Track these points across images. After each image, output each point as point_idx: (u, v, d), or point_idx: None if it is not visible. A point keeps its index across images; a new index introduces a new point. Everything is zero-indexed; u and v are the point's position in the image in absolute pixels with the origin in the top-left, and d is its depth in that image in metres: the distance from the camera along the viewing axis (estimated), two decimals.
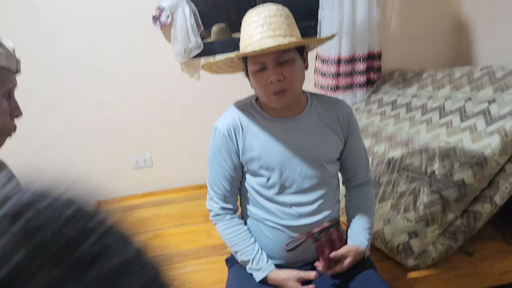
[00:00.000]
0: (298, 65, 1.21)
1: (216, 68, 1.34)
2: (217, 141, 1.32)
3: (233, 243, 1.36)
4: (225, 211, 1.38)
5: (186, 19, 2.40)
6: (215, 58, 1.38)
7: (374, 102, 2.53)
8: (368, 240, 1.35)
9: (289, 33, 1.18)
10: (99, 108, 2.60)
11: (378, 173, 1.94)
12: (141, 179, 2.77)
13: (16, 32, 2.39)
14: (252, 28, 1.19)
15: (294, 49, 1.19)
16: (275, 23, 1.17)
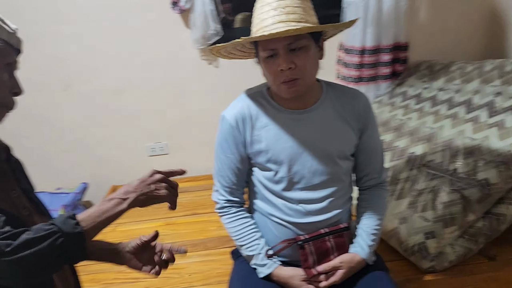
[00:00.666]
0: (312, 53, 1.13)
1: (226, 53, 1.27)
2: (224, 131, 1.26)
3: (238, 237, 1.30)
4: (230, 203, 1.32)
5: (205, 5, 2.34)
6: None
7: (398, 95, 2.42)
8: (371, 246, 1.26)
9: (304, 18, 1.09)
10: (116, 94, 2.59)
11: (397, 169, 1.85)
12: (156, 167, 2.73)
13: (36, 18, 2.40)
14: (264, 11, 1.11)
15: (309, 36, 1.11)
16: (289, 6, 1.09)
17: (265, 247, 1.28)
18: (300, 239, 1.23)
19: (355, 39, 2.42)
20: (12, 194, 0.92)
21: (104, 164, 2.74)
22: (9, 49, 0.89)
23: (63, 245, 0.79)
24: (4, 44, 0.87)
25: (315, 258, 1.23)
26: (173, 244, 1.13)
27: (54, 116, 2.61)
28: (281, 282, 1.24)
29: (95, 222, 0.87)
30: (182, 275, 1.74)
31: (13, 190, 0.93)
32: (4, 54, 0.87)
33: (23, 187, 0.98)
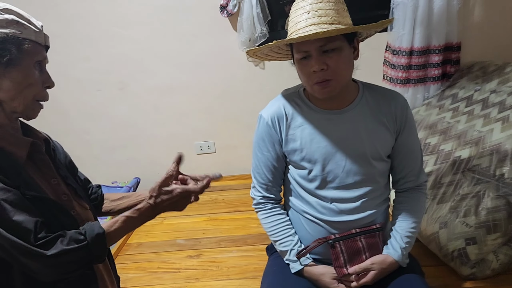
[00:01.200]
0: (346, 54, 1.15)
1: (263, 55, 1.32)
2: (261, 129, 1.31)
3: (272, 232, 1.34)
4: (266, 199, 1.36)
5: (253, 8, 2.41)
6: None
7: (448, 97, 2.34)
8: (405, 249, 1.24)
9: (337, 20, 1.11)
10: (166, 93, 2.73)
11: (440, 173, 1.80)
12: (204, 165, 2.86)
13: (96, 20, 2.58)
14: (298, 14, 1.15)
15: (342, 37, 1.12)
16: (322, 9, 1.11)
17: (298, 244, 1.30)
18: (331, 238, 1.24)
19: (403, 40, 2.37)
20: (52, 182, 1.02)
21: (154, 160, 2.88)
22: (37, 47, 0.95)
23: (91, 255, 0.92)
24: (32, 44, 0.93)
25: (346, 258, 1.24)
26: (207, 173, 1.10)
27: (112, 113, 2.79)
28: (313, 279, 1.26)
29: (120, 237, 0.99)
30: (221, 268, 1.81)
31: (54, 178, 1.02)
32: (33, 53, 0.93)
33: (61, 174, 1.07)
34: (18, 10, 0.93)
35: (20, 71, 0.92)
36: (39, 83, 0.96)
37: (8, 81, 0.91)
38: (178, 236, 2.14)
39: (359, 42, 1.23)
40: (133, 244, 2.11)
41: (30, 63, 0.93)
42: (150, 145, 2.85)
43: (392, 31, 2.40)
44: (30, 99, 0.95)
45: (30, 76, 0.93)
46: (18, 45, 0.90)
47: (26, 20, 0.93)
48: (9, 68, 0.90)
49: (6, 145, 0.94)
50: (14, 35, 0.89)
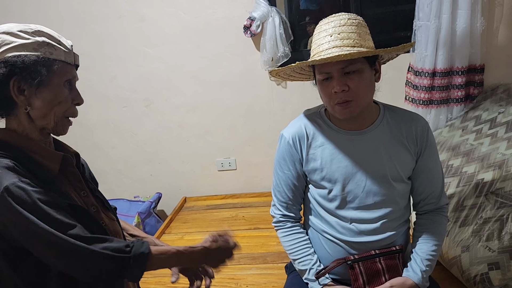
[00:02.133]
0: (367, 76, 1.17)
1: (285, 75, 1.36)
2: (282, 148, 1.33)
3: (292, 251, 1.35)
4: (286, 218, 1.38)
5: (276, 29, 2.46)
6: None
7: (471, 119, 2.32)
8: (425, 272, 1.23)
9: (359, 43, 1.14)
10: (190, 111, 2.79)
11: (463, 195, 1.78)
12: (225, 181, 2.89)
13: (124, 39, 2.68)
14: (321, 37, 1.18)
15: (363, 59, 1.15)
16: (344, 32, 1.15)
17: (318, 263, 1.31)
18: (349, 259, 1.24)
19: (425, 61, 2.37)
20: (82, 194, 1.07)
21: (177, 176, 2.93)
22: (67, 67, 1.00)
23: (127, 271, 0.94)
24: (62, 64, 0.98)
25: (365, 279, 1.24)
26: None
27: (137, 129, 2.86)
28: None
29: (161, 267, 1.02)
30: (240, 285, 1.81)
31: (83, 190, 1.08)
32: (62, 73, 0.98)
33: (90, 187, 1.12)
34: (49, 31, 0.98)
35: (50, 91, 0.97)
36: (69, 101, 1.01)
37: (39, 100, 0.96)
38: None
39: (380, 65, 1.25)
40: None
41: (60, 83, 0.98)
42: (173, 161, 2.91)
43: (415, 52, 2.41)
44: (60, 116, 1.00)
45: (60, 95, 0.99)
46: (48, 66, 0.95)
47: (56, 41, 0.98)
48: (40, 88, 0.95)
49: (40, 158, 0.99)
50: (44, 57, 0.94)
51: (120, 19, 2.65)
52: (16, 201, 0.86)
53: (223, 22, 2.60)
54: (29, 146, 0.98)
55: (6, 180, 0.87)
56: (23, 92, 0.95)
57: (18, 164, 0.93)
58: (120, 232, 1.16)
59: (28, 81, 0.93)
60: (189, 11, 2.61)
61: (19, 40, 0.93)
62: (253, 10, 2.46)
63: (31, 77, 0.93)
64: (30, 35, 0.94)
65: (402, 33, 2.56)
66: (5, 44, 0.92)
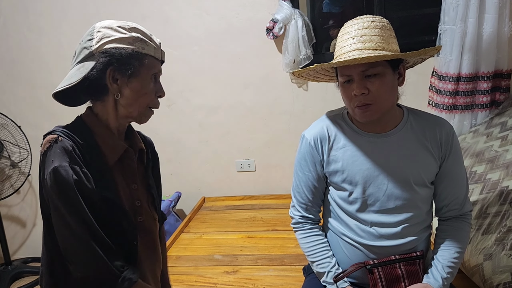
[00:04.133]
0: (388, 80, 1.16)
1: (310, 76, 1.35)
2: (303, 149, 1.33)
3: (310, 253, 1.35)
4: (305, 219, 1.38)
5: (298, 31, 2.46)
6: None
7: (497, 125, 2.28)
8: (446, 279, 1.21)
9: (381, 46, 1.13)
10: (211, 112, 2.81)
11: (486, 202, 1.74)
12: (244, 182, 2.90)
13: None
14: (344, 39, 1.18)
15: (385, 62, 1.14)
16: (367, 35, 1.14)
17: (336, 266, 1.30)
18: (369, 263, 1.23)
19: (450, 65, 2.34)
20: (133, 187, 1.14)
21: (196, 176, 2.96)
22: (155, 62, 1.09)
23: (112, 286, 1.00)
24: (151, 59, 1.07)
25: (384, 284, 1.23)
26: None
27: (159, 129, 2.90)
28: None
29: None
30: (257, 286, 1.82)
31: (134, 184, 1.14)
32: (151, 66, 1.07)
33: (148, 182, 1.19)
34: (142, 29, 1.08)
35: (139, 82, 1.06)
36: (153, 93, 1.10)
37: (128, 90, 1.05)
38: (216, 252, 2.18)
39: (405, 69, 1.24)
40: (172, 257, 2.17)
41: (148, 75, 1.07)
42: (193, 161, 2.93)
43: (439, 56, 2.38)
44: (144, 106, 1.09)
45: (146, 86, 1.07)
46: (140, 59, 1.04)
47: (148, 38, 1.07)
48: (131, 78, 1.05)
49: (104, 146, 1.07)
50: (138, 51, 1.04)
51: (144, 20, 2.69)
52: (58, 182, 0.95)
53: (246, 24, 2.61)
54: (100, 132, 1.07)
55: (58, 161, 0.96)
56: (117, 81, 1.05)
57: (81, 147, 1.02)
58: (154, 231, 1.22)
59: (122, 71, 1.03)
60: (213, 13, 2.63)
61: (118, 34, 1.03)
62: (276, 12, 2.47)
63: (125, 68, 1.03)
64: (127, 31, 1.04)
65: (426, 37, 2.53)
66: (106, 37, 1.02)
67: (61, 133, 1.02)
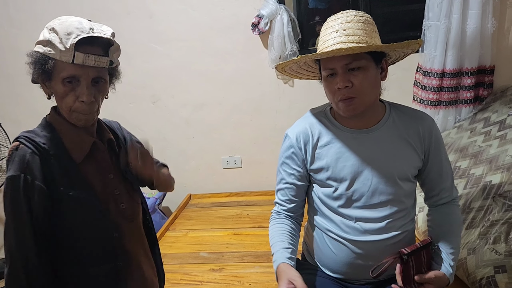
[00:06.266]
0: (371, 74, 1.16)
1: (292, 72, 1.34)
2: (285, 148, 1.32)
3: (270, 237, 1.31)
4: (284, 216, 1.35)
5: (284, 27, 2.45)
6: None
7: (480, 120, 2.30)
8: (453, 266, 1.21)
9: (365, 40, 1.13)
10: (197, 108, 2.79)
11: (470, 197, 1.76)
12: (230, 179, 2.89)
13: (133, 36, 2.69)
14: (327, 33, 1.17)
15: (368, 56, 1.14)
16: (350, 28, 1.14)
17: (285, 248, 1.23)
18: (404, 253, 1.15)
19: (434, 61, 2.35)
20: (109, 177, 1.13)
21: (182, 173, 2.92)
22: (64, 65, 1.01)
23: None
24: (57, 63, 1.01)
25: (414, 272, 1.17)
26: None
27: (143, 126, 2.86)
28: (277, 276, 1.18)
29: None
30: (243, 283, 1.81)
31: (110, 173, 1.13)
32: (60, 70, 1.02)
33: (123, 168, 1.17)
34: (59, 28, 1.00)
35: (53, 85, 1.04)
36: (70, 97, 1.03)
37: (53, 92, 1.05)
38: (201, 249, 2.16)
39: (387, 64, 1.24)
40: None
41: (58, 79, 1.02)
42: (179, 158, 2.91)
43: (424, 52, 2.39)
44: (67, 110, 1.05)
45: (59, 91, 1.03)
46: (43, 63, 1.01)
47: (58, 39, 0.99)
48: (48, 82, 1.04)
49: (69, 143, 1.06)
50: (45, 54, 1.01)
51: (129, 15, 2.66)
52: (7, 192, 0.98)
53: (231, 20, 2.59)
54: (66, 130, 1.07)
55: (12, 171, 0.98)
56: (45, 83, 1.05)
57: (43, 151, 1.02)
58: (139, 215, 1.23)
59: (39, 74, 1.03)
60: (198, 8, 2.61)
61: (41, 36, 1.02)
62: (262, 8, 2.46)
63: (39, 71, 1.02)
64: (48, 32, 1.01)
65: (411, 33, 2.54)
66: (38, 38, 1.02)
67: (24, 140, 1.02)
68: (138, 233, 1.23)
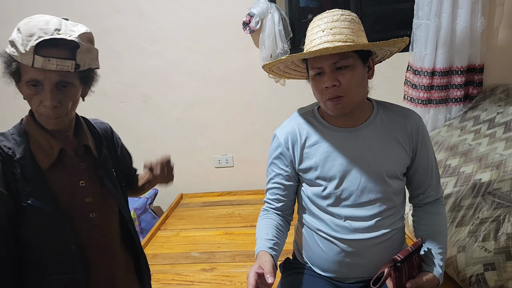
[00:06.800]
0: (359, 72, 1.16)
1: (280, 71, 1.34)
2: (273, 148, 1.32)
3: (256, 232, 1.29)
4: (272, 213, 1.34)
5: (275, 25, 2.45)
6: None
7: (470, 119, 2.31)
8: (442, 267, 1.22)
9: (351, 38, 1.13)
10: (188, 107, 2.78)
11: (460, 195, 1.77)
12: (222, 178, 2.88)
13: (124, 35, 2.67)
14: (314, 32, 1.18)
15: (355, 55, 1.14)
16: (337, 27, 1.14)
17: (265, 240, 1.21)
18: (397, 260, 1.15)
19: (425, 60, 2.36)
20: (80, 184, 1.08)
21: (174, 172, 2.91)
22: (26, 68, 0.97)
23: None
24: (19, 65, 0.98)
25: (407, 277, 1.17)
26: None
27: (134, 125, 2.85)
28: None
29: None
30: (234, 283, 1.81)
31: (81, 180, 1.09)
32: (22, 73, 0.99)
33: (99, 174, 1.13)
34: (24, 28, 0.96)
35: (21, 87, 1.02)
36: (35, 101, 1.00)
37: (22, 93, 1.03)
38: (193, 249, 2.16)
39: (374, 62, 1.24)
40: (148, 255, 2.11)
41: (22, 82, 0.99)
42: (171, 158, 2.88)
43: (414, 51, 2.40)
44: (35, 113, 1.03)
45: (24, 93, 1.01)
46: (9, 64, 0.98)
47: (20, 41, 0.95)
48: (17, 84, 1.02)
49: (36, 149, 1.03)
50: (10, 55, 0.98)
51: (118, 14, 2.64)
52: None
53: (222, 18, 2.58)
54: (36, 135, 1.04)
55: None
56: (16, 84, 1.02)
57: (7, 157, 0.99)
58: (113, 225, 1.17)
59: (10, 75, 1.00)
60: (189, 6, 2.59)
61: (11, 36, 0.98)
62: (252, 7, 2.45)
63: (9, 72, 0.99)
64: (16, 32, 0.97)
65: (401, 32, 2.54)
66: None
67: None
68: (110, 245, 1.17)
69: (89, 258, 1.10)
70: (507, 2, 2.36)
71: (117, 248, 1.19)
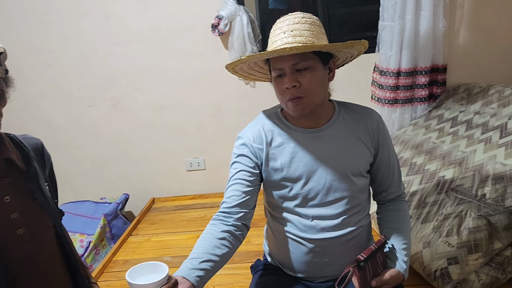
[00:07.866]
0: (319, 74, 1.18)
1: (245, 73, 1.35)
2: (237, 151, 1.30)
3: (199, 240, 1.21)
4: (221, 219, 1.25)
5: (244, 28, 2.46)
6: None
7: (434, 117, 2.39)
8: (406, 262, 1.24)
9: (311, 40, 1.15)
10: (158, 111, 2.76)
11: (425, 192, 1.82)
12: (194, 181, 2.87)
13: (90, 38, 2.62)
14: (275, 34, 1.19)
15: (316, 57, 1.16)
16: (298, 29, 1.15)
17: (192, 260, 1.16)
18: (360, 260, 1.15)
19: (390, 61, 2.42)
20: (5, 200, 1.04)
21: (145, 176, 2.89)
22: None
23: None
24: None
25: (371, 276, 1.18)
26: None
27: (103, 130, 2.80)
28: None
29: None
30: (207, 286, 1.77)
31: (5, 196, 1.04)
32: None
33: (29, 188, 1.08)
34: None
35: None
36: None
37: None
38: (165, 254, 2.14)
39: (335, 65, 1.26)
40: (119, 261, 2.10)
41: None
42: (141, 161, 2.86)
43: (380, 52, 2.46)
44: None
45: None
46: None
47: None
48: None
49: None
50: None
51: (85, 17, 2.59)
52: None
53: (191, 21, 2.58)
54: None
55: None
56: None
57: None
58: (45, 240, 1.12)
59: None
60: (156, 9, 2.57)
61: None
62: (221, 9, 2.45)
63: None
64: None
65: (368, 33, 2.60)
66: None
67: None
68: (42, 261, 1.10)
69: (17, 274, 1.04)
70: (467, 4, 2.45)
71: (51, 263, 1.13)
